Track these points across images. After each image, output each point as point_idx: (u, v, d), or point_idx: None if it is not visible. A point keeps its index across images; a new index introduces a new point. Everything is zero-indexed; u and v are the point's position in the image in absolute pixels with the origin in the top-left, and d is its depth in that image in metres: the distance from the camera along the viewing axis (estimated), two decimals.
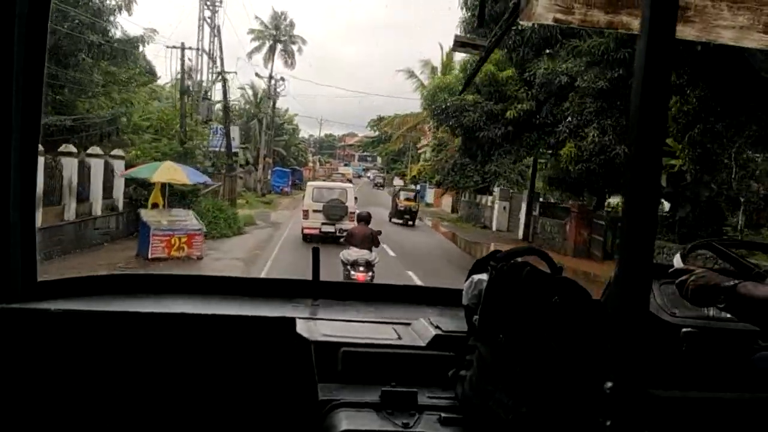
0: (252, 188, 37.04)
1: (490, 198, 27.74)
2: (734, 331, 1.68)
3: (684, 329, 1.59)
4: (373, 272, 10.28)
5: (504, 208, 26.13)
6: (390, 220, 26.47)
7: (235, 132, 29.37)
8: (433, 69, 33.52)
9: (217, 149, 27.28)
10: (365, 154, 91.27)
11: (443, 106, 20.79)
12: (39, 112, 1.70)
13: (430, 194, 43.48)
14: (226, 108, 27.28)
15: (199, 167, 20.36)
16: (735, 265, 1.73)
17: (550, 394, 1.24)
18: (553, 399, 1.24)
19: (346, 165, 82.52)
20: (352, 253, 10.25)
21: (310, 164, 68.17)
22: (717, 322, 1.73)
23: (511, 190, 25.67)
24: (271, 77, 42.13)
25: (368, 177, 71.54)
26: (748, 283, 1.39)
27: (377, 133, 74.19)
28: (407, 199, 27.89)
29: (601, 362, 1.24)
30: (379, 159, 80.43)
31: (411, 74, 35.43)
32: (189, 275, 2.45)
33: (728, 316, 1.51)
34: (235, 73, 62.54)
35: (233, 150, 28.02)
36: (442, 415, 1.36)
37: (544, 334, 1.27)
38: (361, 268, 10.02)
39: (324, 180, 36.75)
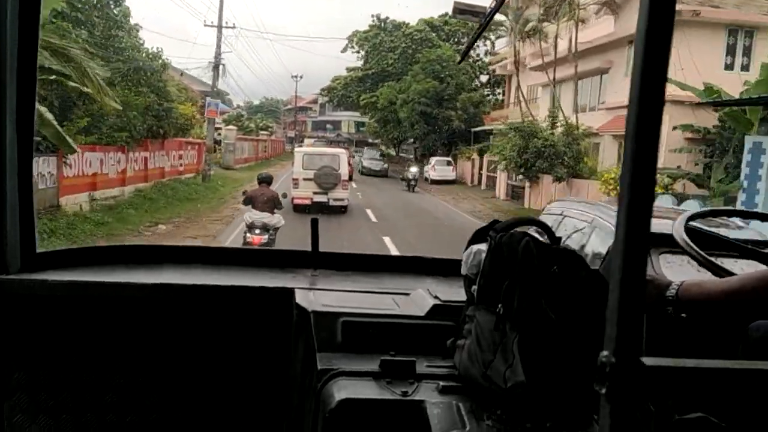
0: None
1: None
2: None
3: None
4: (272, 235, 10.07)
5: None
6: None
7: None
8: None
9: None
10: (323, 119, 63.66)
11: None
12: (34, 84, 1.68)
13: None
14: None
15: None
16: (702, 264, 1.69)
17: (547, 363, 1.25)
18: (551, 368, 1.25)
19: (291, 138, 59.40)
20: (251, 215, 10.09)
21: (204, 132, 27.37)
22: None
23: None
24: None
25: (354, 157, 36.04)
26: (690, 284, 1.35)
27: (367, 64, 42.51)
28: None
29: (599, 332, 1.25)
30: (347, 126, 56.26)
31: None
32: (187, 246, 2.46)
33: None
34: None
35: None
36: (441, 383, 1.38)
37: (542, 304, 1.28)
38: (257, 231, 9.91)
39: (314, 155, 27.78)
